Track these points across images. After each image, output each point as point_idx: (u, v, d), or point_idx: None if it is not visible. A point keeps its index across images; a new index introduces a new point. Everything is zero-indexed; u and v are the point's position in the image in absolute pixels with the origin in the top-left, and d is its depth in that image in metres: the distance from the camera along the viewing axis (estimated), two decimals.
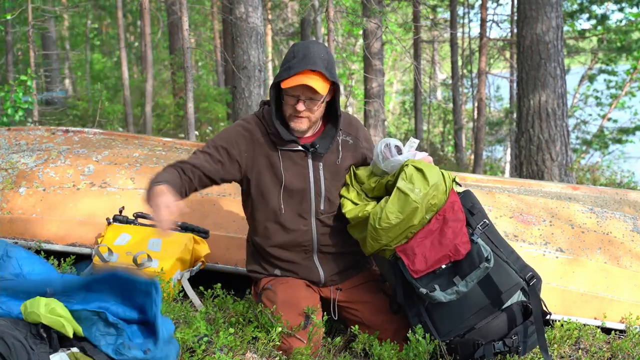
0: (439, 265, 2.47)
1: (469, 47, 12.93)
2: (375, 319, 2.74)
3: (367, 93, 9.48)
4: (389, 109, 18.98)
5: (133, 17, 18.38)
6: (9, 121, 5.99)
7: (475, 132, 10.72)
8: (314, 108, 2.60)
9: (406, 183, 2.50)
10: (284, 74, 2.56)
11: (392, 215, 2.48)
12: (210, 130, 11.84)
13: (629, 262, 3.26)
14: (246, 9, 5.09)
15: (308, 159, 2.69)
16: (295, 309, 2.66)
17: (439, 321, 2.54)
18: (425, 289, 2.47)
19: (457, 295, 2.46)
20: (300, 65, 2.53)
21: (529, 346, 2.55)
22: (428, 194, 2.49)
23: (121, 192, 3.57)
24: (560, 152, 7.21)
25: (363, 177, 2.73)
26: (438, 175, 2.54)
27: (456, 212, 2.51)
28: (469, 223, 2.54)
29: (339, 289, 2.83)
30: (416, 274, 2.48)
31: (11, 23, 8.63)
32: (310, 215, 2.71)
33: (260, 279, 2.84)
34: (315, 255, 2.77)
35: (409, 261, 2.50)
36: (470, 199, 2.62)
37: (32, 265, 2.81)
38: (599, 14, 13.15)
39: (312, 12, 6.68)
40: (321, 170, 2.70)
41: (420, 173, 2.53)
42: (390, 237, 2.52)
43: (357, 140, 2.81)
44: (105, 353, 2.21)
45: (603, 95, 14.36)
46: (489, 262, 2.44)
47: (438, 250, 2.47)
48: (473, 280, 2.45)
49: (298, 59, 2.54)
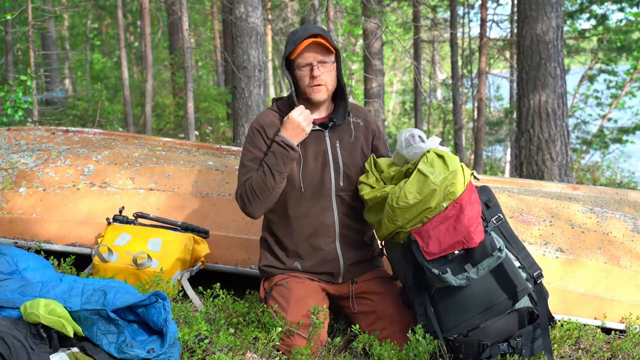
0: (452, 250, 2.49)
1: (469, 47, 12.93)
2: (388, 309, 2.78)
3: (367, 93, 9.49)
4: (389, 109, 18.98)
5: (133, 17, 18.39)
6: (9, 121, 5.99)
7: (475, 132, 10.71)
8: (328, 70, 2.73)
9: (427, 166, 2.56)
10: (290, 47, 2.70)
11: (410, 195, 2.52)
12: (210, 130, 11.83)
13: (629, 262, 3.26)
14: (246, 9, 5.09)
15: (325, 137, 2.80)
16: (306, 307, 2.68)
17: (443, 314, 2.55)
18: (438, 270, 2.49)
19: (467, 282, 2.47)
20: (304, 34, 2.68)
21: (533, 350, 2.56)
22: (447, 179, 2.53)
23: (121, 192, 3.57)
24: (560, 152, 7.21)
25: (383, 165, 2.77)
26: (458, 164, 2.59)
27: (473, 203, 2.55)
28: (484, 216, 2.58)
29: (354, 281, 2.87)
30: (429, 255, 2.51)
31: (11, 23, 8.63)
32: (331, 192, 2.79)
33: (274, 275, 2.85)
34: (337, 240, 2.81)
35: (423, 243, 2.53)
36: (486, 193, 2.68)
37: (27, 262, 2.82)
38: (599, 14, 13.15)
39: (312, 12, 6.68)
40: (338, 147, 2.81)
41: (441, 159, 2.59)
42: (407, 219, 2.55)
43: (367, 122, 2.92)
44: (107, 352, 2.22)
45: (603, 95, 14.36)
46: (501, 252, 2.46)
47: (452, 235, 2.50)
48: (484, 268, 2.47)
49: (299, 32, 2.71)
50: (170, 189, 3.57)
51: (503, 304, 2.51)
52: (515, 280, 2.51)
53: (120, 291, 2.47)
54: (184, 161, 3.80)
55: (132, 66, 18.34)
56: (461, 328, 2.54)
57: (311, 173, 2.78)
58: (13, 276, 2.73)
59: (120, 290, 2.48)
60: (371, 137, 2.92)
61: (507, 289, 2.51)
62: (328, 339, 2.77)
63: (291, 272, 2.83)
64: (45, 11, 8.25)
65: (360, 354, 2.70)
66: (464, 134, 14.27)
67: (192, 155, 3.96)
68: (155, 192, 3.56)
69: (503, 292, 2.51)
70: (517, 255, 2.56)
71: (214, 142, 10.54)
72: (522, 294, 2.52)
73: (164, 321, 2.29)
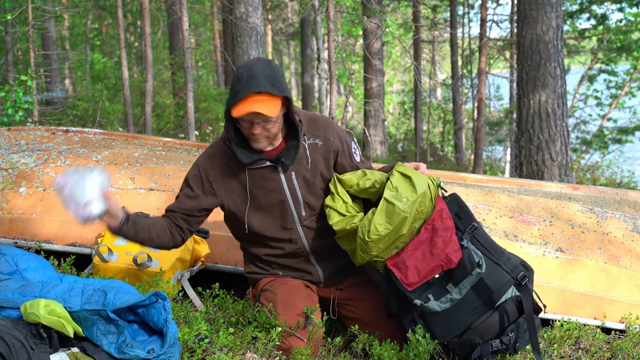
0: (432, 275, 2.47)
1: (469, 47, 12.93)
2: (373, 316, 2.75)
3: (367, 93, 9.49)
4: (389, 109, 18.98)
5: (133, 17, 18.39)
6: (9, 121, 5.99)
7: (475, 132, 10.71)
8: (270, 127, 2.54)
9: (392, 192, 2.49)
10: (232, 101, 2.48)
11: (380, 227, 2.46)
12: (210, 130, 11.83)
13: (629, 262, 3.26)
14: (246, 9, 5.09)
15: (279, 172, 2.67)
16: (294, 309, 2.66)
17: (434, 326, 2.54)
18: (420, 299, 2.46)
19: (451, 303, 2.47)
20: (245, 89, 2.44)
21: (526, 341, 2.55)
22: (416, 202, 2.48)
23: (121, 192, 3.57)
24: (560, 152, 7.21)
25: (352, 180, 2.67)
26: (425, 184, 2.52)
27: (444, 220, 2.50)
28: (458, 228, 2.53)
29: (339, 288, 2.84)
30: (410, 287, 2.48)
31: (11, 23, 8.62)
32: (295, 224, 2.71)
33: (259, 280, 2.84)
34: (312, 257, 2.78)
35: (401, 274, 2.49)
36: (456, 203, 2.61)
37: (27, 262, 2.81)
38: (599, 14, 13.16)
39: (312, 12, 6.68)
40: (294, 179, 2.68)
41: (407, 181, 2.52)
42: (381, 248, 2.51)
43: (327, 141, 2.72)
44: (107, 352, 2.22)
45: (603, 95, 14.36)
46: (480, 268, 2.44)
47: (430, 260, 2.47)
48: (466, 287, 2.46)
49: (242, 83, 2.45)
50: (170, 189, 3.57)
51: (490, 300, 2.50)
52: (499, 276, 2.49)
53: (121, 291, 2.47)
54: (184, 161, 3.80)
55: (132, 66, 18.34)
56: (454, 332, 2.53)
57: (265, 210, 2.69)
58: (13, 276, 2.73)
59: (121, 290, 2.48)
60: (333, 156, 2.73)
61: (492, 287, 2.49)
62: (327, 339, 2.77)
63: (274, 275, 2.82)
64: (45, 11, 8.25)
65: (360, 354, 2.70)
66: (464, 134, 14.28)
67: (192, 155, 3.96)
68: (155, 192, 3.56)
69: (489, 290, 2.49)
70: (497, 261, 2.51)
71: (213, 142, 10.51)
72: (507, 286, 2.51)
73: (164, 321, 2.29)
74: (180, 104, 10.89)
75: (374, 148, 9.66)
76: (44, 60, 10.78)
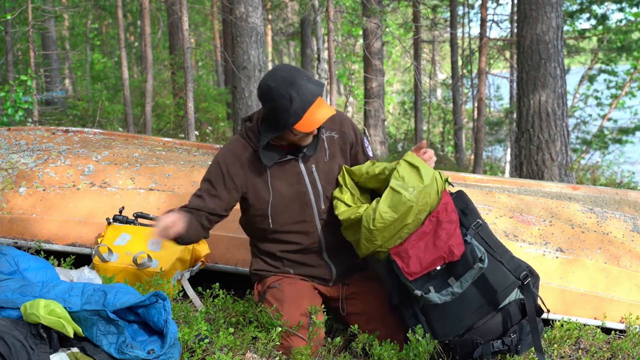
0: (434, 267, 2.47)
1: (469, 47, 12.93)
2: (377, 310, 2.76)
3: (367, 93, 9.49)
4: (389, 109, 18.98)
5: (133, 17, 18.38)
6: (9, 121, 5.99)
7: (475, 132, 10.72)
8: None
9: (398, 181, 2.49)
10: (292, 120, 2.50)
11: (386, 215, 2.46)
12: (210, 130, 11.83)
13: (629, 262, 3.26)
14: (246, 9, 5.09)
15: (300, 165, 2.71)
16: (299, 308, 2.67)
17: (435, 322, 2.54)
18: (420, 290, 2.47)
19: (452, 297, 2.46)
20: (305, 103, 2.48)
21: (528, 344, 2.55)
22: (422, 192, 2.48)
23: (121, 192, 3.57)
24: (560, 152, 7.21)
25: (361, 170, 2.70)
26: (432, 175, 2.52)
27: (449, 214, 2.51)
28: (462, 224, 2.54)
29: (345, 284, 2.86)
30: (411, 276, 2.48)
31: (11, 23, 8.62)
32: (314, 217, 2.74)
33: (266, 277, 2.84)
34: (325, 254, 2.80)
35: (403, 264, 2.49)
36: (463, 199, 2.62)
37: (27, 262, 2.81)
38: (599, 13, 13.16)
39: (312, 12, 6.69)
40: (314, 172, 2.72)
41: (415, 171, 2.53)
42: (385, 237, 2.51)
43: (343, 133, 2.80)
44: (107, 352, 2.22)
45: (603, 95, 14.36)
46: (482, 263, 2.44)
47: (432, 252, 2.47)
48: (468, 281, 2.45)
49: (297, 100, 2.48)
50: (170, 189, 3.57)
51: (493, 301, 2.50)
52: (503, 277, 2.49)
53: (121, 291, 2.47)
54: (184, 161, 3.80)
55: (132, 66, 18.33)
56: (455, 331, 2.53)
57: (287, 203, 2.71)
58: (13, 276, 2.73)
59: (121, 290, 2.48)
60: (349, 147, 2.81)
61: (495, 287, 2.50)
62: (328, 339, 2.77)
63: (283, 274, 2.82)
64: (45, 11, 8.24)
65: (360, 354, 2.70)
66: (464, 134, 14.28)
67: (192, 155, 3.96)
68: (155, 192, 3.56)
69: (492, 290, 2.50)
70: (500, 259, 2.52)
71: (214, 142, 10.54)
72: (511, 288, 2.51)
73: (164, 322, 2.29)
74: (180, 104, 10.89)
75: (374, 148, 9.66)
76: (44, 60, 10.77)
